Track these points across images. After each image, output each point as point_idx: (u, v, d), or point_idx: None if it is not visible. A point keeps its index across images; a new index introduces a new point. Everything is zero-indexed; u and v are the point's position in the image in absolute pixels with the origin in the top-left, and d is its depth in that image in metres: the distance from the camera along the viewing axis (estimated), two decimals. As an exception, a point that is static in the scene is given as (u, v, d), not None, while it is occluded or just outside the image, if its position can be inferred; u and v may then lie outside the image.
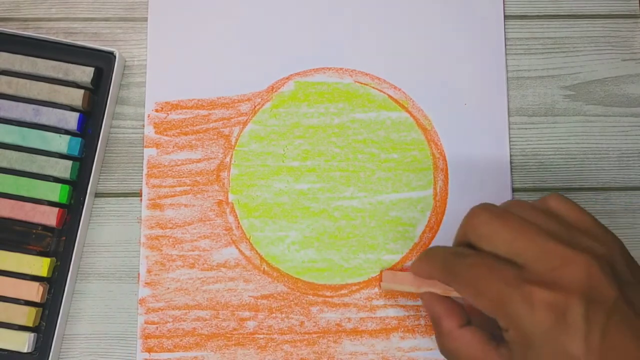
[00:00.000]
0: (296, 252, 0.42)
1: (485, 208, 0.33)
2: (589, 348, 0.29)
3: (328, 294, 0.42)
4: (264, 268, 0.42)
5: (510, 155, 0.43)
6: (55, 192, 0.41)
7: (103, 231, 0.42)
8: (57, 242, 0.41)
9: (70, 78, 0.42)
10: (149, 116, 0.43)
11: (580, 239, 0.31)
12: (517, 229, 0.32)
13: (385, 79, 0.44)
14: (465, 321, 0.35)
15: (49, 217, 0.41)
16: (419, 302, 0.42)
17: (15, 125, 0.41)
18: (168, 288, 0.42)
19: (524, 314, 0.30)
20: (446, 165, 0.43)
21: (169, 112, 0.43)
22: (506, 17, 0.45)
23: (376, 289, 0.42)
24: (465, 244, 0.34)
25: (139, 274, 0.42)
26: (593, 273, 0.30)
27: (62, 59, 0.42)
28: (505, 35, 0.44)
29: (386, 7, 0.45)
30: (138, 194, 0.43)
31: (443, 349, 0.35)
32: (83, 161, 0.42)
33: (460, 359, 0.34)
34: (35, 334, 0.40)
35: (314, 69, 0.44)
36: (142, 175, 0.43)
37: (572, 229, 0.32)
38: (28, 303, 0.40)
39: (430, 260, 0.36)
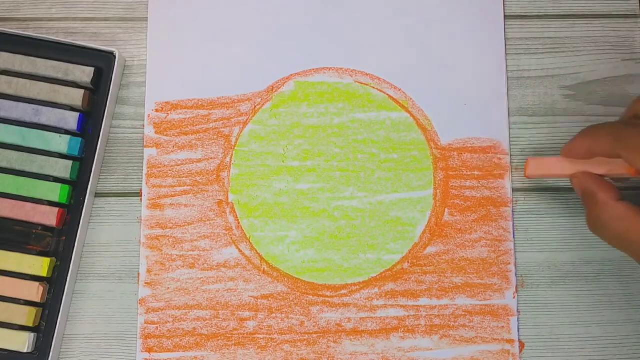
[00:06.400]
0: (296, 252, 0.42)
1: None
2: None
3: (328, 294, 0.42)
4: (264, 268, 0.42)
5: (510, 155, 0.43)
6: (55, 192, 0.41)
7: (103, 231, 0.42)
8: (57, 242, 0.41)
9: (70, 78, 0.42)
10: (149, 116, 0.43)
11: None
12: None
13: (385, 79, 0.44)
14: (620, 196, 0.36)
15: (49, 217, 0.41)
16: (419, 302, 0.42)
17: (15, 125, 0.41)
18: (168, 288, 0.42)
19: None
20: (446, 165, 0.43)
21: (169, 112, 0.43)
22: (506, 17, 0.45)
23: (376, 289, 0.42)
24: None
25: (139, 274, 0.42)
26: None
27: (62, 59, 0.42)
28: (505, 35, 0.44)
29: (386, 7, 0.45)
30: (138, 194, 0.43)
31: (596, 222, 0.36)
32: (83, 161, 0.42)
33: (613, 231, 0.35)
34: (35, 334, 0.40)
35: (314, 69, 0.44)
36: (142, 175, 0.43)
37: None
38: (28, 303, 0.40)
39: (595, 134, 0.36)
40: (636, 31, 0.45)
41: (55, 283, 0.41)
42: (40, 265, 0.40)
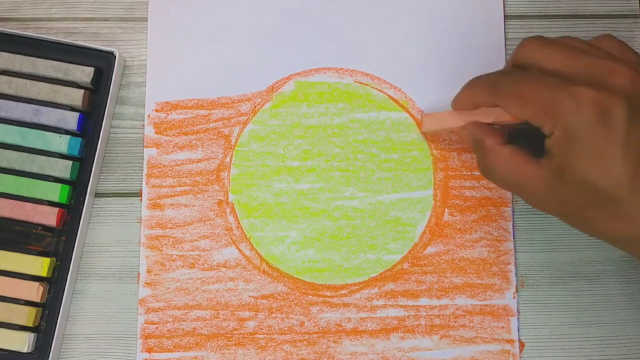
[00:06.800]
0: (296, 252, 0.42)
1: (536, 37, 0.35)
2: (628, 145, 0.31)
3: (328, 294, 0.42)
4: (264, 268, 0.42)
5: (510, 155, 0.43)
6: (55, 192, 0.41)
7: (103, 231, 0.42)
8: (57, 242, 0.41)
9: (70, 78, 0.42)
10: (149, 116, 0.43)
11: (626, 62, 0.33)
12: (566, 50, 0.34)
13: (385, 79, 0.44)
14: (506, 141, 0.36)
15: (49, 217, 0.41)
16: (419, 302, 0.42)
17: (15, 125, 0.41)
18: (168, 288, 0.42)
19: (569, 110, 0.31)
20: (446, 165, 0.43)
21: (169, 112, 0.43)
22: (506, 17, 0.45)
23: (376, 289, 0.42)
24: None
25: (139, 274, 0.42)
26: (638, 82, 0.31)
27: (62, 59, 0.42)
28: (505, 35, 0.44)
29: (386, 7, 0.45)
30: (138, 194, 0.43)
31: (485, 167, 0.36)
32: (83, 161, 0.42)
33: (500, 174, 0.35)
34: (35, 334, 0.40)
35: (314, 69, 0.44)
36: (142, 175, 0.43)
37: (619, 58, 0.34)
38: (28, 303, 0.40)
39: (475, 85, 0.37)
40: (636, 31, 0.45)
41: (55, 283, 0.41)
42: (40, 265, 0.40)
